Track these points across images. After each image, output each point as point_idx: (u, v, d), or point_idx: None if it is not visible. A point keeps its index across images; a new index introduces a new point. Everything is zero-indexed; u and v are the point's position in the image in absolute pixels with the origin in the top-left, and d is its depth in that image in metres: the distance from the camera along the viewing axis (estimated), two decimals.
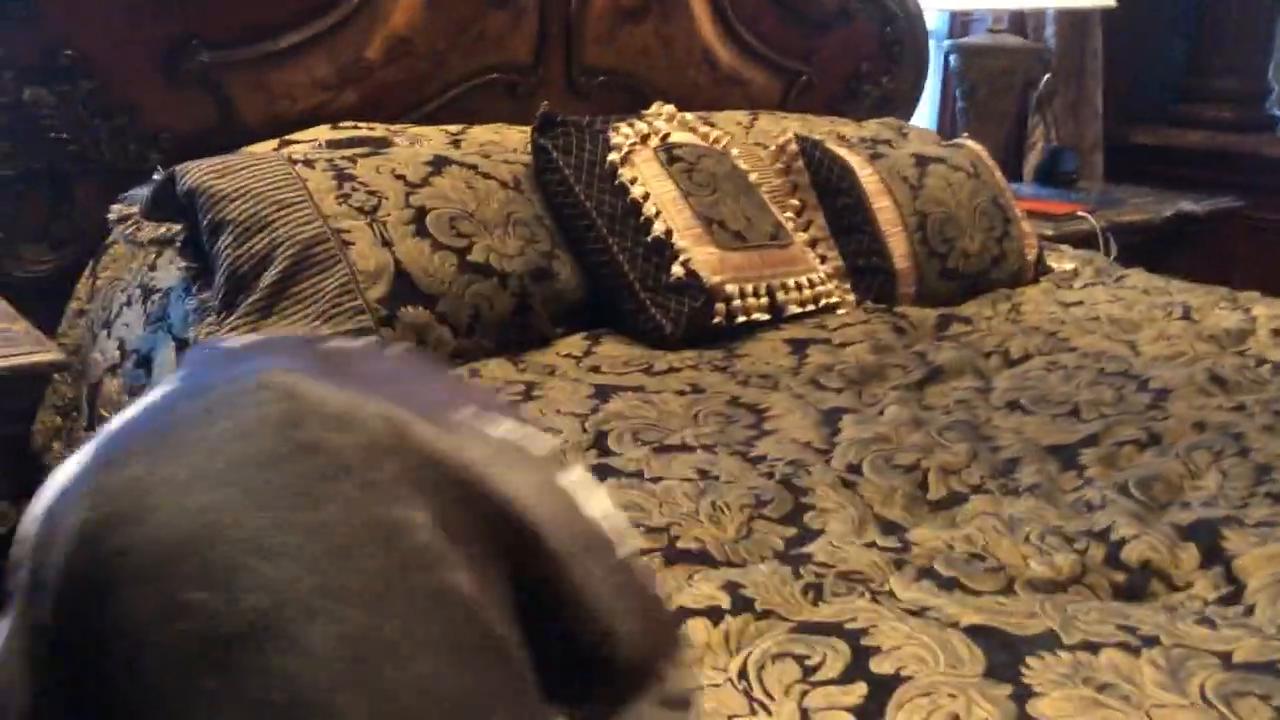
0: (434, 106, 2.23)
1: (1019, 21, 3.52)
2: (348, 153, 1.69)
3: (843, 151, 2.08)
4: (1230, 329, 1.88)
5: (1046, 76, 3.53)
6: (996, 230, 2.16)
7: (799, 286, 1.86)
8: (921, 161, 2.15)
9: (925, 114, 3.58)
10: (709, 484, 1.16)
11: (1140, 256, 3.03)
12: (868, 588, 0.95)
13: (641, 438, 1.31)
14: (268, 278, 1.50)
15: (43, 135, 1.83)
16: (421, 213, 1.61)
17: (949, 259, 2.07)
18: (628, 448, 1.28)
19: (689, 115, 2.08)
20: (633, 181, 1.77)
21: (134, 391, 1.62)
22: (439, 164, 1.72)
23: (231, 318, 1.49)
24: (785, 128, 2.47)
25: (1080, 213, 2.90)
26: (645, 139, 1.85)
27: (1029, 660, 0.84)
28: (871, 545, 1.04)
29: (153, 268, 1.71)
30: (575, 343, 1.71)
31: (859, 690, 0.81)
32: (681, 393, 1.48)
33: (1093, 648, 0.86)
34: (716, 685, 0.84)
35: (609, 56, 2.45)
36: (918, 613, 0.91)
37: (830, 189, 2.04)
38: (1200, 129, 3.76)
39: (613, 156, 1.79)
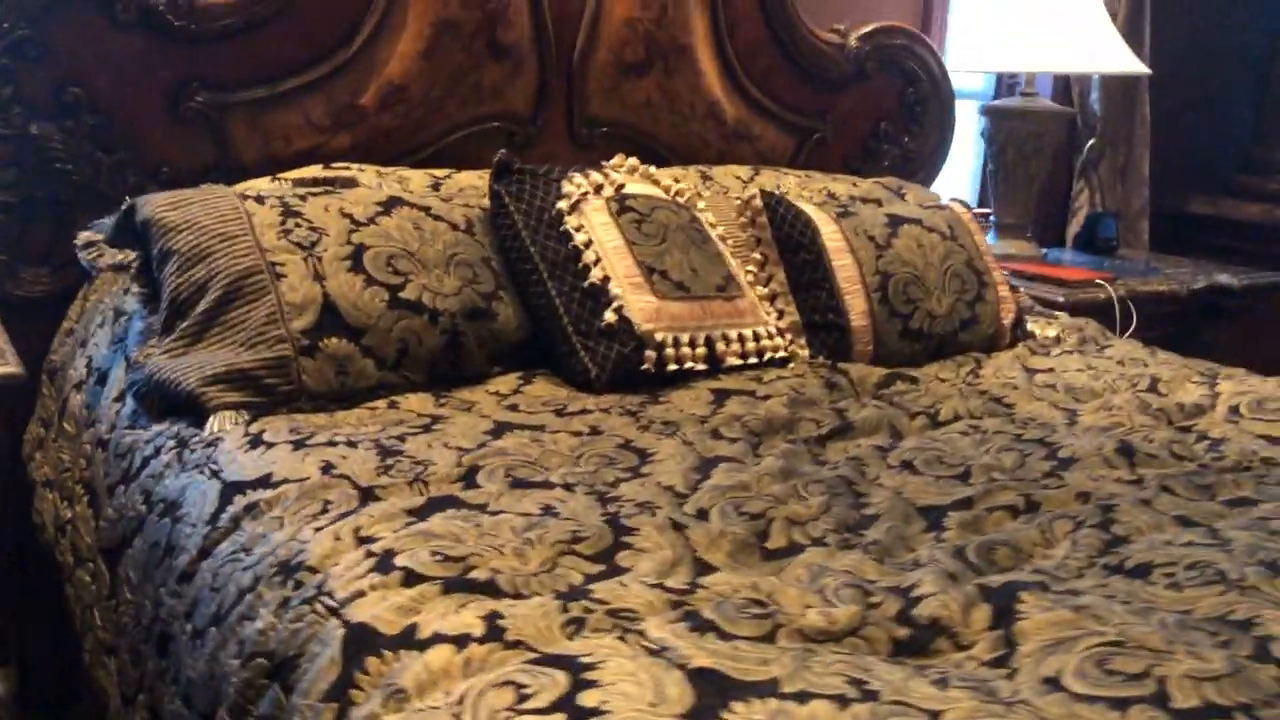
0: (430, 152, 2.34)
1: (1063, 87, 3.49)
2: (303, 190, 1.79)
3: (808, 208, 2.11)
4: (1187, 404, 1.84)
5: (1091, 142, 3.49)
6: (969, 293, 2.15)
7: (742, 339, 1.89)
8: (895, 221, 2.16)
9: (965, 176, 3.57)
10: (541, 519, 1.20)
11: (1168, 328, 2.97)
12: (625, 626, 0.98)
13: (512, 474, 1.36)
14: (203, 305, 1.61)
15: (48, 166, 1.99)
16: (360, 250, 1.70)
17: (912, 319, 2.07)
18: (491, 483, 1.33)
19: (653, 168, 2.13)
20: (578, 229, 1.84)
21: (90, 407, 1.74)
22: (390, 205, 1.81)
23: (167, 340, 1.60)
24: (783, 183, 2.52)
25: (1098, 280, 2.85)
26: (599, 189, 1.91)
27: (734, 704, 0.86)
28: (658, 586, 1.06)
29: (126, 291, 1.83)
30: (508, 381, 1.77)
31: None
32: (577, 434, 1.53)
33: (804, 697, 0.87)
34: (436, 708, 0.88)
35: (612, 109, 2.52)
36: (656, 651, 0.93)
37: (792, 244, 2.06)
38: (1259, 201, 3.66)
39: (561, 204, 1.86)
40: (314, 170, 2.11)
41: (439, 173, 2.20)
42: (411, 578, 1.06)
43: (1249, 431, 1.70)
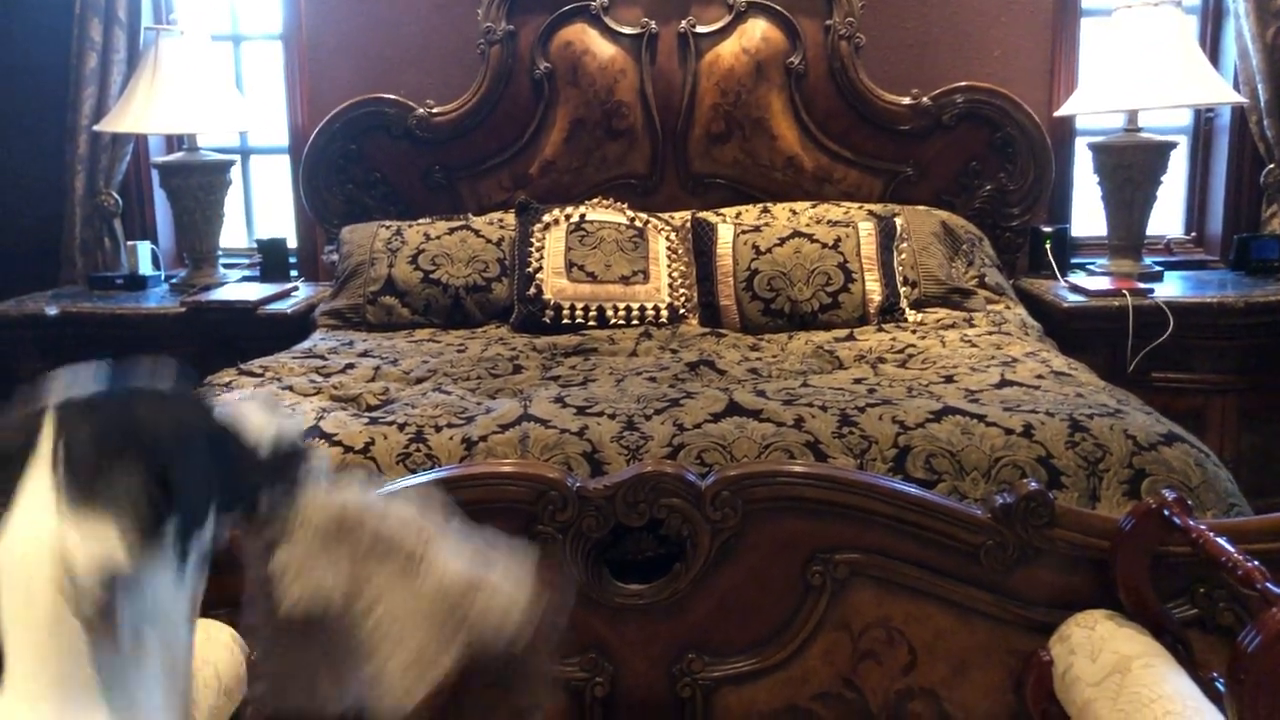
0: (581, 199, 3.70)
1: (1239, 116, 3.68)
2: (410, 222, 3.34)
3: (721, 226, 3.12)
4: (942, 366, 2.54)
5: (1269, 167, 3.62)
6: (833, 286, 2.97)
7: (629, 310, 3.01)
8: (790, 237, 3.06)
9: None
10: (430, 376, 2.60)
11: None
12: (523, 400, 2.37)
13: (428, 367, 2.75)
14: (346, 272, 3.23)
15: (360, 212, 3.76)
16: (419, 253, 3.19)
17: (774, 303, 2.98)
18: (417, 370, 2.74)
19: (622, 204, 3.29)
20: (539, 240, 3.13)
21: None
22: (456, 229, 3.27)
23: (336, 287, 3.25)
24: (820, 214, 3.43)
25: (1123, 289, 3.23)
26: (568, 217, 3.17)
27: None
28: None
29: None
30: (490, 328, 3.12)
31: None
32: (471, 352, 2.84)
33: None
34: None
35: (709, 165, 3.65)
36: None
37: (704, 252, 3.10)
38: None
39: (536, 226, 3.16)
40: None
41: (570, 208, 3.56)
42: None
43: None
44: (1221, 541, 1.46)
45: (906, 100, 3.58)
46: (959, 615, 1.70)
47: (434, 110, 3.61)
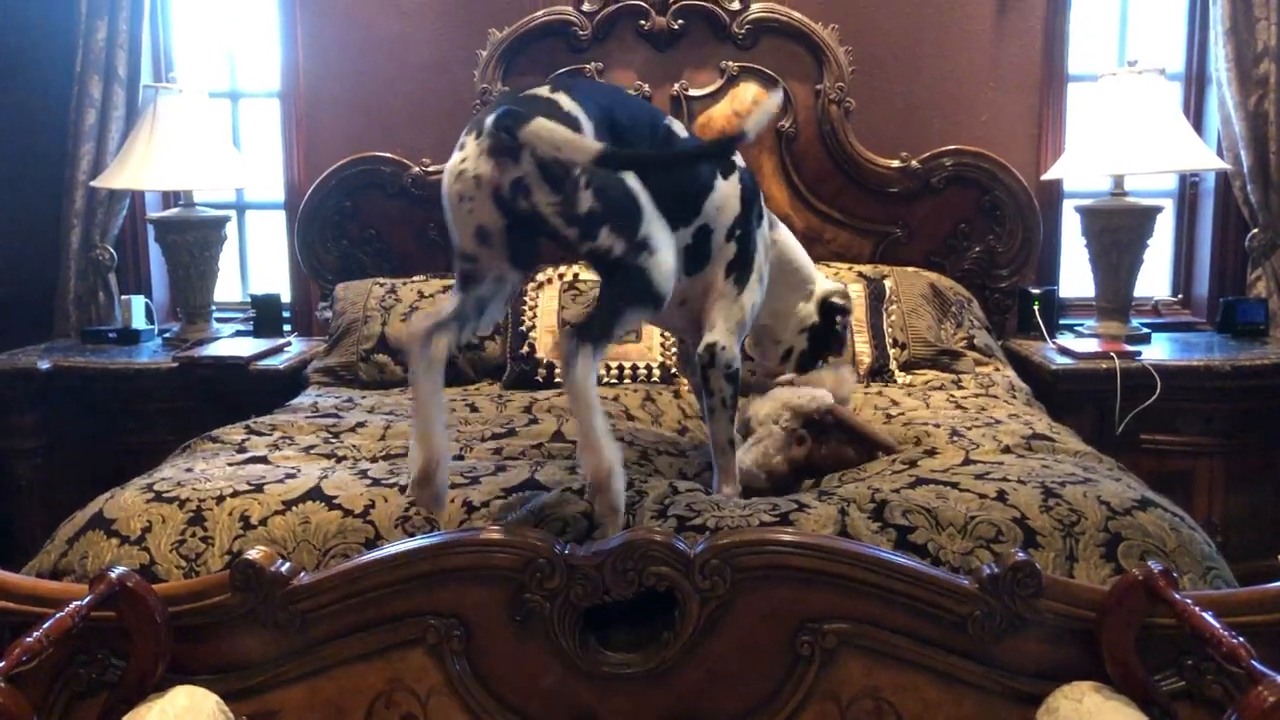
0: (572, 259, 3.73)
1: (1223, 181, 3.73)
2: (404, 279, 3.36)
3: None
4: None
5: (1253, 232, 3.67)
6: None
7: (620, 369, 3.03)
8: None
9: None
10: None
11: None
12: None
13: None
14: (340, 329, 3.25)
15: (357, 266, 3.78)
16: (412, 310, 3.21)
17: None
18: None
19: None
20: (534, 300, 3.15)
21: None
22: (450, 287, 3.29)
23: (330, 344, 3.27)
24: None
25: (1111, 352, 3.25)
26: (561, 276, 3.20)
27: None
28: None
29: None
30: (483, 385, 3.13)
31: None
32: (471, 406, 2.84)
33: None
34: None
35: None
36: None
37: None
38: None
39: (529, 285, 3.18)
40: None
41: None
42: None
43: None
44: (1207, 616, 1.47)
45: (896, 163, 3.63)
46: (947, 686, 1.70)
47: (429, 168, 3.65)
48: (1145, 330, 3.57)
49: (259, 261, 4.17)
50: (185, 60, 4.03)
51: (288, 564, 1.75)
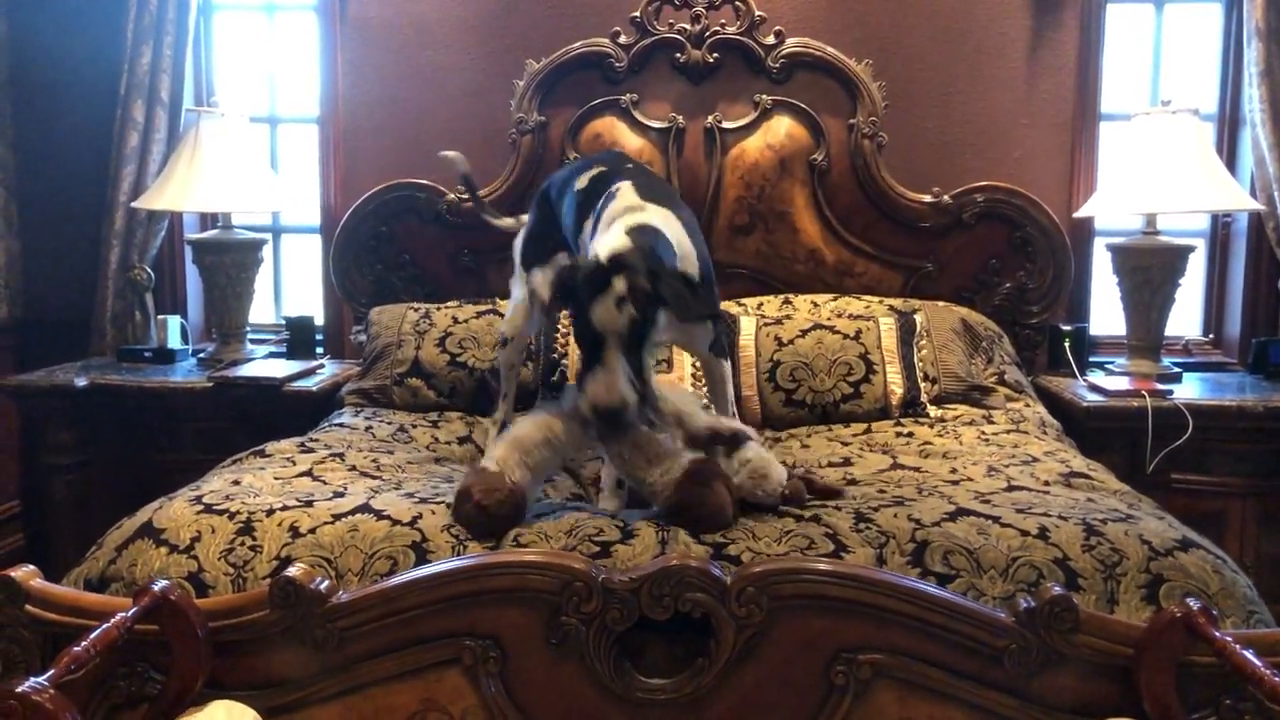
0: None
1: (1256, 221, 3.73)
2: (438, 304, 3.39)
3: (743, 319, 3.16)
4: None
5: None
6: (854, 376, 3.00)
7: None
8: (812, 329, 3.10)
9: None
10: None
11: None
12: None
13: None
14: (374, 353, 3.28)
15: (389, 294, 3.81)
16: (446, 335, 3.24)
17: (795, 393, 3.01)
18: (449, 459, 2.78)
19: None
20: (567, 327, 3.17)
21: None
22: (484, 313, 3.32)
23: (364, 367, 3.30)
24: (841, 307, 3.47)
25: (1143, 390, 3.25)
26: None
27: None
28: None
29: None
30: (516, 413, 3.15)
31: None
32: None
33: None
34: None
35: (733, 256, 3.70)
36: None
37: (730, 343, 3.14)
38: None
39: (562, 313, 3.20)
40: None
41: None
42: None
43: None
44: (1248, 655, 1.46)
45: (928, 198, 3.64)
46: (981, 719, 1.69)
47: (464, 196, 3.69)
48: (1176, 369, 3.56)
49: (293, 284, 4.22)
50: (226, 85, 4.09)
51: (326, 582, 1.77)
